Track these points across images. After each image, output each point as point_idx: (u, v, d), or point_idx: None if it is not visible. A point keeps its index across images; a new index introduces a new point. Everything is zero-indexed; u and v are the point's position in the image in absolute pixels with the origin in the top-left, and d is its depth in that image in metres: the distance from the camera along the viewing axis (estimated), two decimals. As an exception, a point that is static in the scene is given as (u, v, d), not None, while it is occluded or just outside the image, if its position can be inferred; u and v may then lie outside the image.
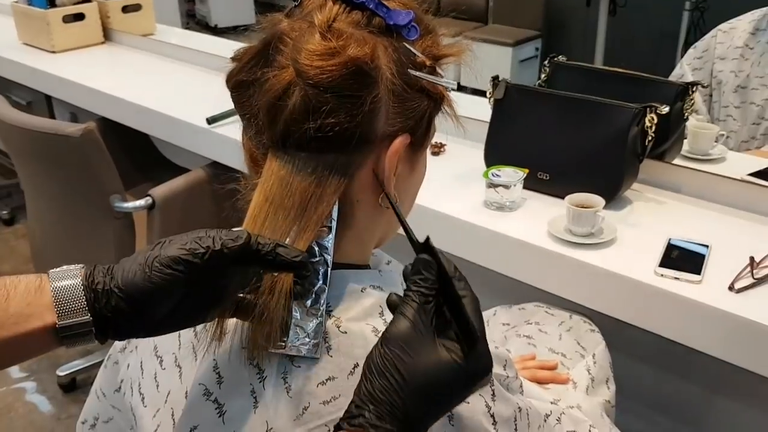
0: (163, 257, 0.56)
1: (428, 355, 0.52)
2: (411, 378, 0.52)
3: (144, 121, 2.03)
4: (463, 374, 0.53)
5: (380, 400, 0.52)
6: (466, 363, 0.53)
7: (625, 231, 1.26)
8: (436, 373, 0.52)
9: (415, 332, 0.53)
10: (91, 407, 0.89)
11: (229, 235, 0.58)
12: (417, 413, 0.52)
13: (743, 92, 1.79)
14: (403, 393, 0.51)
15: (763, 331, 1.02)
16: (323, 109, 0.61)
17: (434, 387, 0.52)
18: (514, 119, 1.44)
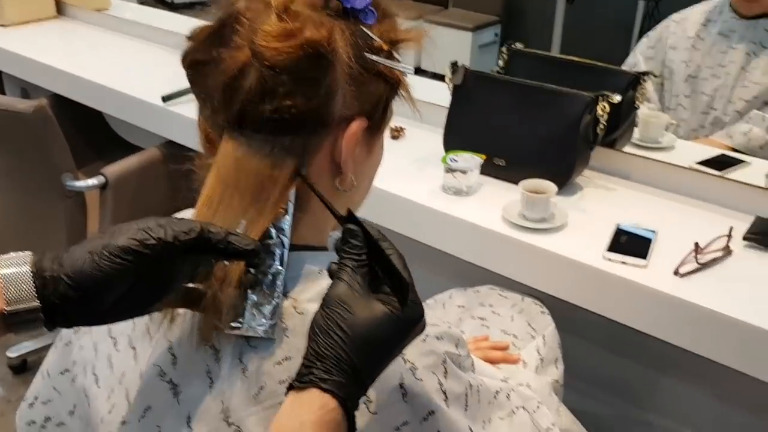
0: (112, 246, 0.56)
1: (366, 309, 0.56)
2: (352, 332, 0.55)
3: (97, 98, 1.99)
4: (399, 323, 0.57)
5: (326, 356, 0.54)
6: (401, 312, 0.57)
7: (576, 216, 1.29)
8: (374, 324, 0.56)
9: (352, 291, 0.56)
10: (35, 386, 0.88)
11: (181, 226, 0.58)
12: (362, 364, 0.55)
13: (693, 82, 1.84)
14: (346, 347, 0.55)
15: (705, 314, 1.06)
16: (279, 90, 0.61)
17: (375, 337, 0.56)
18: (472, 105, 1.45)
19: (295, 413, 0.53)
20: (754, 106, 1.75)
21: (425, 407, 0.67)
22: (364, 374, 0.56)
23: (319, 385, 0.53)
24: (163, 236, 0.57)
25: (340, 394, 0.54)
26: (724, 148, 1.65)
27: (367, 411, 0.65)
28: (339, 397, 0.54)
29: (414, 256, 1.63)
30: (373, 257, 0.59)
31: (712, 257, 1.15)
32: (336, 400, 0.54)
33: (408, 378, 0.66)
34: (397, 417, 0.66)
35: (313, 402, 0.53)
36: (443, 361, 0.70)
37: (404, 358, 0.67)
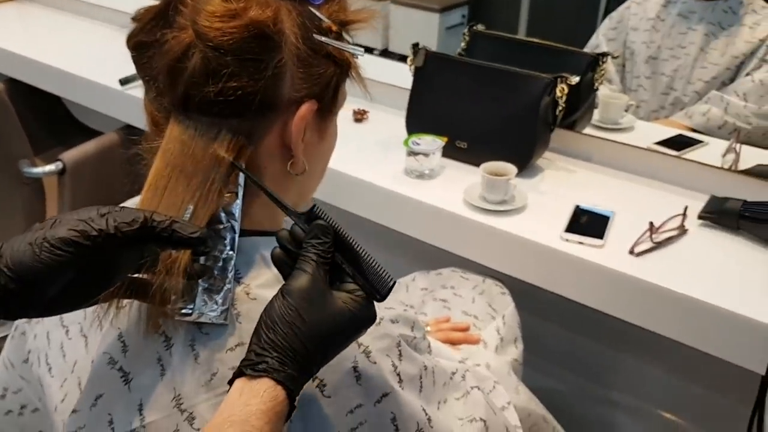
0: (53, 238, 0.55)
1: (327, 305, 0.56)
2: (312, 326, 0.55)
3: (54, 82, 1.95)
4: (356, 320, 0.58)
5: (283, 347, 0.54)
6: (360, 310, 0.58)
7: (536, 198, 1.30)
8: (334, 320, 0.56)
9: (316, 286, 0.56)
10: (1, 378, 0.87)
11: (124, 217, 0.57)
12: (316, 357, 0.56)
13: (654, 63, 1.85)
14: (305, 339, 0.55)
15: (660, 292, 1.08)
16: (224, 72, 0.60)
17: (332, 332, 0.57)
18: (434, 87, 1.45)
19: (244, 402, 0.53)
20: (713, 86, 1.77)
21: (379, 389, 0.67)
22: (314, 368, 0.57)
23: (273, 376, 0.53)
24: (105, 227, 0.56)
25: (291, 387, 0.54)
26: (684, 129, 1.67)
27: (322, 395, 0.65)
28: (289, 390, 0.54)
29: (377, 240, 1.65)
30: (342, 254, 0.59)
31: (667, 236, 1.17)
32: (286, 392, 0.54)
33: (362, 361, 0.66)
34: (351, 400, 0.66)
35: (264, 392, 0.53)
36: (398, 344, 0.71)
37: (358, 341, 0.67)
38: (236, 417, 0.52)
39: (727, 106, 1.69)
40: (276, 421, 0.53)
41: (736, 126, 1.63)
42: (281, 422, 0.54)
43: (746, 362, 1.04)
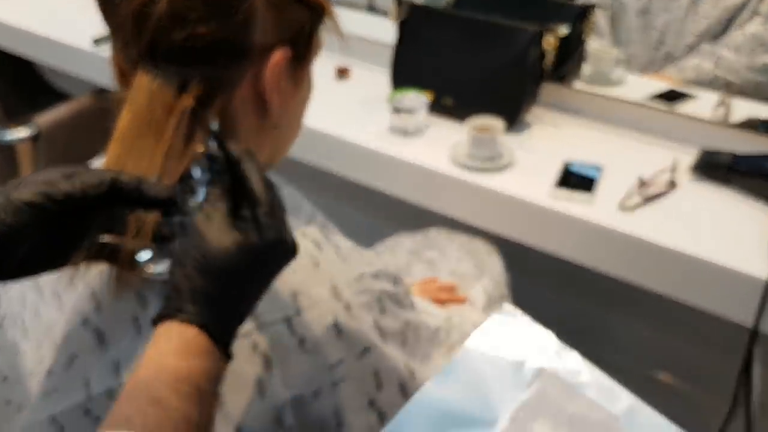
0: (17, 201, 0.53)
1: (220, 238, 0.53)
2: (205, 262, 0.52)
3: (26, 44, 1.89)
4: (255, 250, 0.53)
5: (181, 287, 0.52)
6: (258, 238, 0.53)
7: (524, 155, 1.27)
8: (227, 253, 0.52)
9: (208, 220, 0.53)
10: None
11: (90, 179, 0.55)
12: (219, 293, 0.53)
13: (645, 17, 1.82)
14: (200, 277, 0.52)
15: (649, 247, 1.06)
16: (191, 16, 0.58)
17: (229, 266, 0.53)
18: (419, 42, 1.41)
19: (155, 346, 0.51)
20: (704, 40, 1.74)
21: (360, 344, 0.66)
22: (226, 303, 0.53)
23: (175, 316, 0.51)
24: (70, 190, 0.54)
25: (200, 322, 0.51)
26: (675, 83, 1.64)
27: (302, 351, 0.64)
28: (198, 325, 0.51)
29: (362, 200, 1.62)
30: (234, 181, 0.55)
31: (657, 190, 1.15)
32: (195, 327, 0.51)
33: (342, 316, 0.65)
34: (333, 355, 0.65)
35: (171, 333, 0.51)
36: (379, 298, 0.70)
37: (339, 296, 0.66)
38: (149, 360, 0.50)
39: (719, 60, 1.66)
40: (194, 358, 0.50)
41: (727, 80, 1.61)
42: (203, 360, 0.51)
43: (736, 315, 1.03)
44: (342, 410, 0.66)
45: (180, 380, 0.49)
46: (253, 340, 0.64)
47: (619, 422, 0.56)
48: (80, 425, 0.66)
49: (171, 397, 0.48)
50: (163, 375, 0.49)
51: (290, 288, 0.65)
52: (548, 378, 0.59)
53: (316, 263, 0.67)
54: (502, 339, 0.62)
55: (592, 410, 0.57)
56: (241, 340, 0.63)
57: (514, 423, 0.57)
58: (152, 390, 0.48)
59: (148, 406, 0.47)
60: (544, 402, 0.57)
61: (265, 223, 0.53)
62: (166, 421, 0.47)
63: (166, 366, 0.49)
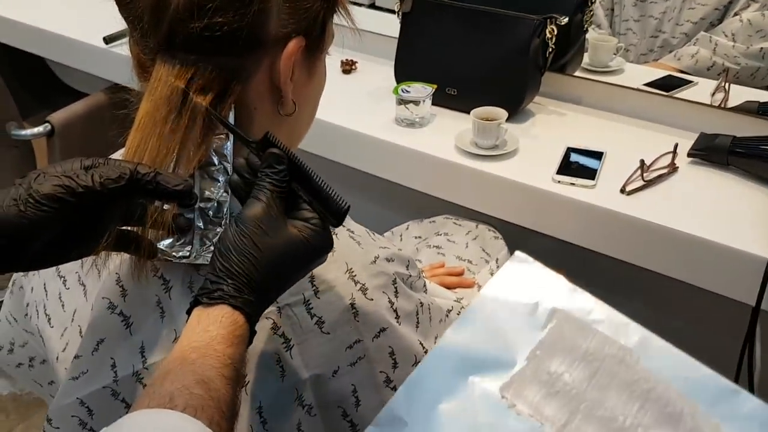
0: (37, 194, 0.55)
1: (281, 232, 0.56)
2: (267, 253, 0.55)
3: (37, 42, 1.91)
4: (311, 248, 0.58)
5: (238, 273, 0.55)
6: (314, 238, 0.58)
7: (527, 142, 1.30)
8: (288, 247, 0.56)
9: (270, 214, 0.56)
10: (5, 333, 0.88)
11: (109, 172, 0.56)
12: (272, 285, 0.56)
13: (642, 5, 1.84)
14: (260, 267, 0.55)
15: (652, 229, 1.09)
16: (209, 6, 0.59)
17: (287, 260, 0.56)
18: (422, 33, 1.44)
19: (203, 328, 0.53)
20: (702, 27, 1.76)
21: (377, 325, 0.68)
22: (272, 294, 0.57)
23: (230, 302, 0.54)
24: (90, 184, 0.56)
25: (248, 312, 0.54)
26: (673, 71, 1.66)
27: (320, 332, 0.67)
28: (247, 315, 0.54)
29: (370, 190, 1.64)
30: (298, 182, 0.59)
31: (658, 174, 1.18)
32: (244, 317, 0.54)
33: (359, 298, 0.68)
34: (350, 336, 0.67)
35: (223, 318, 0.53)
36: (393, 281, 0.72)
37: (355, 279, 0.68)
38: (197, 343, 0.52)
39: (716, 47, 1.68)
40: (238, 344, 0.53)
41: (725, 66, 1.63)
42: (243, 346, 0.54)
43: (738, 294, 1.05)
44: (359, 389, 0.69)
45: (226, 365, 0.51)
46: (273, 321, 0.66)
47: (632, 353, 0.58)
48: (108, 407, 0.68)
49: (216, 380, 0.50)
50: (210, 359, 0.51)
51: None
52: (562, 317, 0.60)
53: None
54: (516, 284, 0.63)
55: (606, 344, 0.58)
56: (262, 321, 0.66)
57: (533, 361, 0.59)
58: (199, 371, 0.50)
59: (194, 386, 0.49)
60: (560, 339, 0.59)
61: (322, 226, 0.58)
62: (209, 402, 0.48)
63: (215, 350, 0.51)
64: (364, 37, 0.74)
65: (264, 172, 0.58)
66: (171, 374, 0.50)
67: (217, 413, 0.48)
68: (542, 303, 0.62)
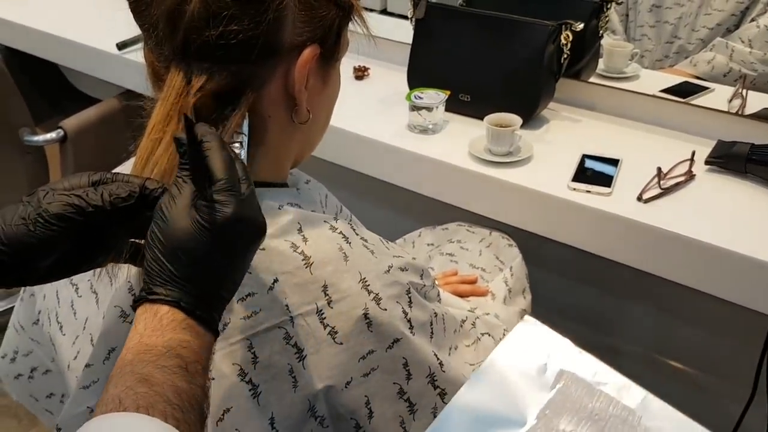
0: (46, 213, 0.54)
1: (179, 219, 0.53)
2: (168, 242, 0.52)
3: (51, 48, 1.92)
4: (214, 228, 0.52)
5: (150, 269, 0.53)
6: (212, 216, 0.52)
7: (542, 148, 1.29)
8: (184, 232, 0.52)
9: (172, 202, 0.53)
10: (10, 341, 0.88)
11: (118, 191, 0.56)
12: (185, 273, 0.52)
13: (658, 11, 1.82)
14: (164, 258, 0.52)
15: (669, 237, 1.07)
16: (224, 14, 0.59)
17: (189, 246, 0.52)
18: (435, 40, 1.43)
19: (135, 329, 0.52)
20: (718, 33, 1.74)
21: (390, 335, 0.68)
22: (195, 281, 0.52)
23: (147, 298, 0.52)
24: (99, 203, 0.55)
25: (167, 302, 0.52)
26: (689, 77, 1.65)
27: (333, 342, 0.66)
28: (169, 304, 0.52)
29: (382, 197, 1.64)
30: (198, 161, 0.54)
31: (675, 182, 1.16)
32: (166, 306, 0.52)
33: (372, 308, 0.67)
34: (363, 346, 0.67)
35: (146, 315, 0.52)
36: (407, 291, 0.71)
37: (368, 289, 0.67)
38: (130, 343, 0.51)
39: (732, 53, 1.66)
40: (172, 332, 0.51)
41: (741, 73, 1.61)
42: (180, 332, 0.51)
43: (756, 304, 1.04)
44: (372, 400, 0.68)
45: (160, 356, 0.50)
46: (285, 331, 0.65)
47: (634, 414, 0.63)
48: None
49: (155, 373, 0.49)
50: (144, 354, 0.50)
51: (321, 280, 0.66)
52: (569, 378, 0.65)
53: (345, 256, 0.68)
54: (525, 346, 0.69)
55: (610, 405, 0.63)
56: (274, 332, 0.65)
57: (542, 420, 0.62)
58: (137, 369, 0.49)
59: (137, 385, 0.48)
60: (567, 400, 0.63)
61: (223, 200, 0.52)
62: (155, 397, 0.47)
63: (146, 345, 0.50)
64: (376, 42, 0.73)
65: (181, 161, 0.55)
66: (114, 379, 0.49)
67: (168, 407, 0.47)
68: (550, 364, 0.67)
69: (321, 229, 0.69)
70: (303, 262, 0.66)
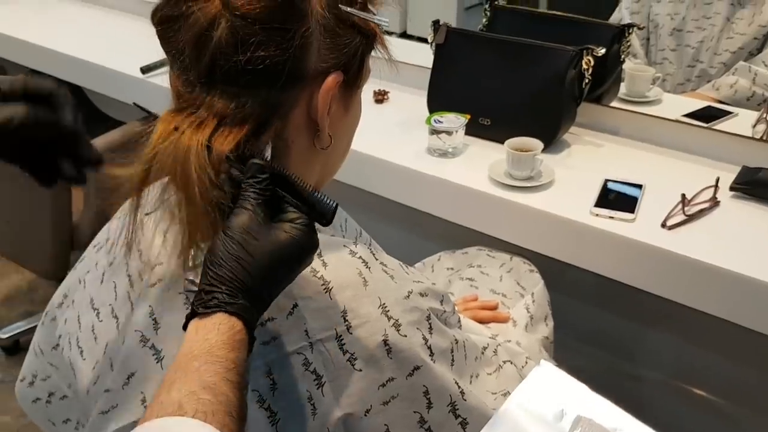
0: None
1: (269, 236, 0.57)
2: (257, 258, 0.56)
3: (76, 72, 1.96)
4: (298, 247, 0.58)
5: (230, 279, 0.55)
6: (301, 238, 0.58)
7: (563, 173, 1.28)
8: (277, 250, 0.57)
9: (256, 220, 0.57)
10: (30, 364, 0.88)
11: None
12: (264, 288, 0.57)
13: (679, 35, 1.82)
14: (251, 270, 0.55)
15: (693, 265, 1.06)
16: (252, 41, 0.60)
17: (277, 262, 0.57)
18: (456, 64, 1.43)
19: (203, 337, 0.53)
20: (740, 57, 1.73)
21: (411, 363, 0.67)
22: (266, 298, 0.57)
23: (226, 308, 0.54)
24: None
25: (245, 317, 0.55)
26: (711, 101, 1.64)
27: (353, 368, 0.65)
28: (244, 319, 0.55)
29: (401, 220, 1.63)
30: (282, 187, 0.60)
31: (700, 208, 1.15)
32: (242, 322, 0.54)
33: (392, 334, 0.66)
34: (383, 373, 0.66)
35: (221, 325, 0.54)
36: (427, 317, 0.70)
37: (388, 314, 0.67)
38: (198, 351, 0.52)
39: (756, 77, 1.65)
40: (239, 349, 0.54)
41: (765, 96, 1.60)
42: (244, 351, 0.54)
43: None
44: (392, 429, 0.67)
45: (230, 370, 0.52)
46: (305, 357, 0.65)
47: None
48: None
49: (222, 385, 0.50)
50: (213, 365, 0.51)
51: (340, 305, 0.66)
52: (586, 424, 0.65)
53: (364, 281, 0.68)
54: (542, 392, 0.69)
55: None
56: (294, 357, 0.65)
57: None
58: (204, 377, 0.50)
59: (201, 392, 0.49)
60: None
61: (307, 225, 0.58)
62: (218, 406, 0.49)
63: (217, 356, 0.52)
64: (397, 68, 0.74)
65: (248, 182, 0.59)
66: (176, 383, 0.50)
67: (227, 417, 0.49)
68: (567, 410, 0.66)
69: (341, 254, 0.68)
70: (322, 287, 0.66)
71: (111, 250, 0.77)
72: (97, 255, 0.81)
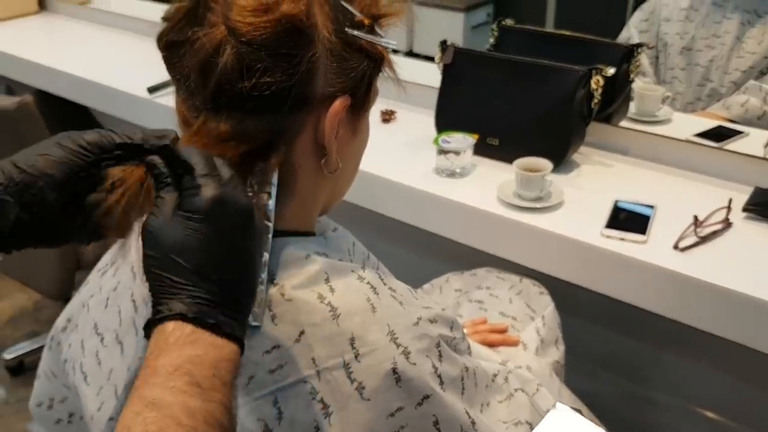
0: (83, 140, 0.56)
1: (165, 226, 0.51)
2: (159, 252, 0.50)
3: (83, 92, 1.96)
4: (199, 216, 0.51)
5: (152, 288, 0.51)
6: (186, 207, 0.51)
7: (573, 194, 1.27)
8: (173, 234, 0.51)
9: (155, 217, 0.52)
10: (45, 389, 0.87)
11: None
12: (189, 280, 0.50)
13: (688, 54, 1.81)
14: (161, 269, 0.50)
15: (706, 288, 1.04)
16: (257, 67, 0.59)
17: (181, 247, 0.50)
18: (464, 84, 1.43)
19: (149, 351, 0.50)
20: (751, 76, 1.72)
21: (420, 392, 0.65)
22: (198, 286, 0.50)
23: (153, 318, 0.50)
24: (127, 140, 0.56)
25: (168, 317, 0.50)
26: (722, 120, 1.62)
27: (360, 398, 0.64)
28: (172, 318, 0.49)
29: (409, 241, 1.62)
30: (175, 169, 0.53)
31: (712, 230, 1.13)
32: (170, 322, 0.49)
33: (401, 362, 0.65)
34: (392, 403, 0.64)
35: (152, 339, 0.50)
36: (437, 344, 0.69)
37: (397, 342, 0.65)
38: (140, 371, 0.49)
39: (767, 96, 1.64)
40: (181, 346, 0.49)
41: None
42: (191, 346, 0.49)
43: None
44: None
45: (168, 376, 0.47)
46: (312, 385, 0.64)
47: None
48: None
49: (164, 395, 0.47)
50: (152, 378, 0.48)
51: (348, 332, 0.64)
52: None
53: (373, 307, 0.66)
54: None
55: None
56: (300, 386, 0.64)
57: None
58: (146, 394, 0.47)
59: (146, 411, 0.46)
60: None
61: (202, 183, 0.51)
62: (165, 420, 0.45)
63: (153, 368, 0.48)
64: (405, 89, 0.73)
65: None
66: (126, 407, 0.47)
67: (180, 429, 0.45)
68: None
69: (348, 279, 0.67)
70: (330, 314, 0.64)
71: (115, 275, 0.76)
72: (101, 279, 0.80)
